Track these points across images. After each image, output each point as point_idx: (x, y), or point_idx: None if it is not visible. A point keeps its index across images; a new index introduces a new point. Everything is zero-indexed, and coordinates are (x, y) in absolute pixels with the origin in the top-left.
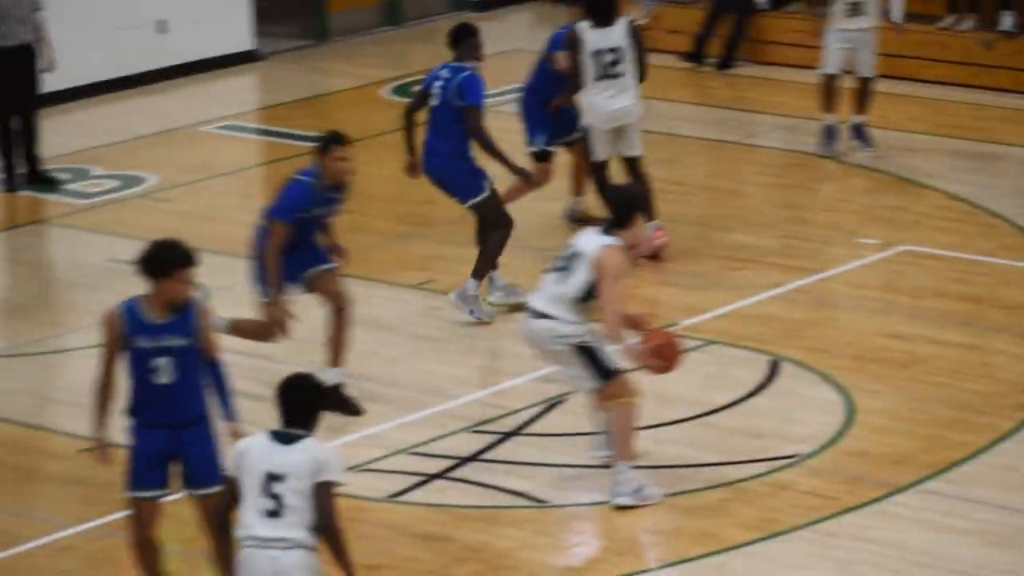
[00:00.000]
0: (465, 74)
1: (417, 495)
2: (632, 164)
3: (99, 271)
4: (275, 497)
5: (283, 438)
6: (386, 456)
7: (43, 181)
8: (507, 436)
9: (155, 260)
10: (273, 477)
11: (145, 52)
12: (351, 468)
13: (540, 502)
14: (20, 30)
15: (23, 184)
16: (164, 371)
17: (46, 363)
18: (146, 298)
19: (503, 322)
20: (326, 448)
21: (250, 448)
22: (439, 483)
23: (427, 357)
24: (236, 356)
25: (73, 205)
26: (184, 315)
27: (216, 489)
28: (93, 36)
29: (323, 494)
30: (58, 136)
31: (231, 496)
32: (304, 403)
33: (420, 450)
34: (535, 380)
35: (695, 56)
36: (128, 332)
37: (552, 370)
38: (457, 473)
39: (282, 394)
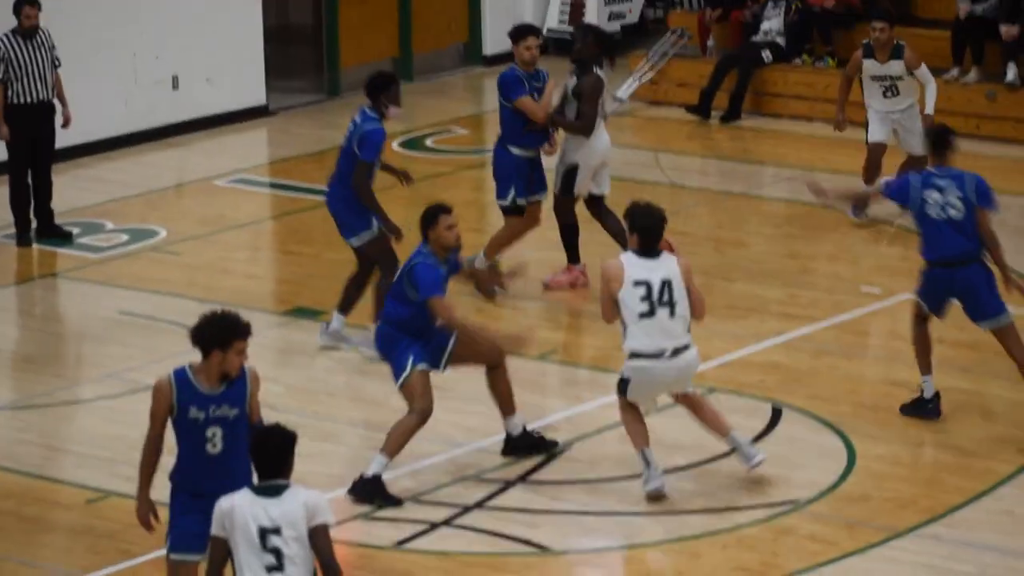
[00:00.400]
0: (369, 127)
1: (422, 543)
2: (604, 201)
3: (109, 324)
4: (274, 551)
5: (268, 491)
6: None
7: (56, 235)
8: (511, 483)
9: (212, 332)
10: (268, 531)
11: (159, 107)
12: (358, 516)
13: (543, 549)
14: (39, 87)
15: (36, 238)
16: (216, 441)
17: (56, 415)
18: (198, 368)
19: (513, 371)
20: (312, 493)
21: (236, 507)
22: (444, 531)
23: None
24: None
25: (85, 259)
26: (236, 384)
27: None
28: (107, 92)
29: (321, 537)
30: (72, 191)
31: (220, 559)
32: (280, 453)
33: (426, 498)
34: (539, 428)
35: (701, 109)
36: (180, 402)
37: (556, 418)
38: (462, 521)
39: (257, 447)
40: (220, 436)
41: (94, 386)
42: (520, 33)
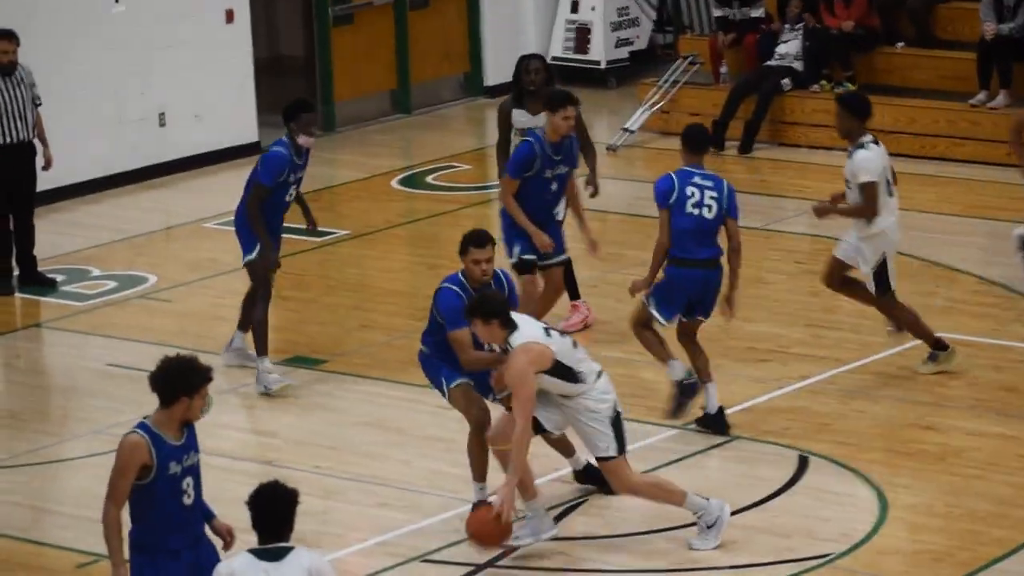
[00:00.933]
0: (272, 150)
1: None
2: None
3: (97, 376)
4: None
5: (270, 555)
6: (399, 564)
7: (39, 283)
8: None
9: (180, 379)
10: None
11: (145, 146)
12: None
13: None
14: (19, 127)
15: (18, 287)
16: (189, 492)
17: (42, 473)
18: (159, 420)
19: None
20: (315, 555)
21: (236, 572)
22: None
23: (440, 459)
24: (237, 462)
25: (70, 307)
26: (190, 428)
27: None
28: (90, 131)
29: None
30: (55, 236)
31: None
32: (281, 513)
33: (435, 557)
34: (552, 481)
35: (714, 140)
36: (159, 461)
37: (571, 471)
38: None
39: (257, 507)
40: (192, 485)
41: (81, 443)
42: (559, 102)
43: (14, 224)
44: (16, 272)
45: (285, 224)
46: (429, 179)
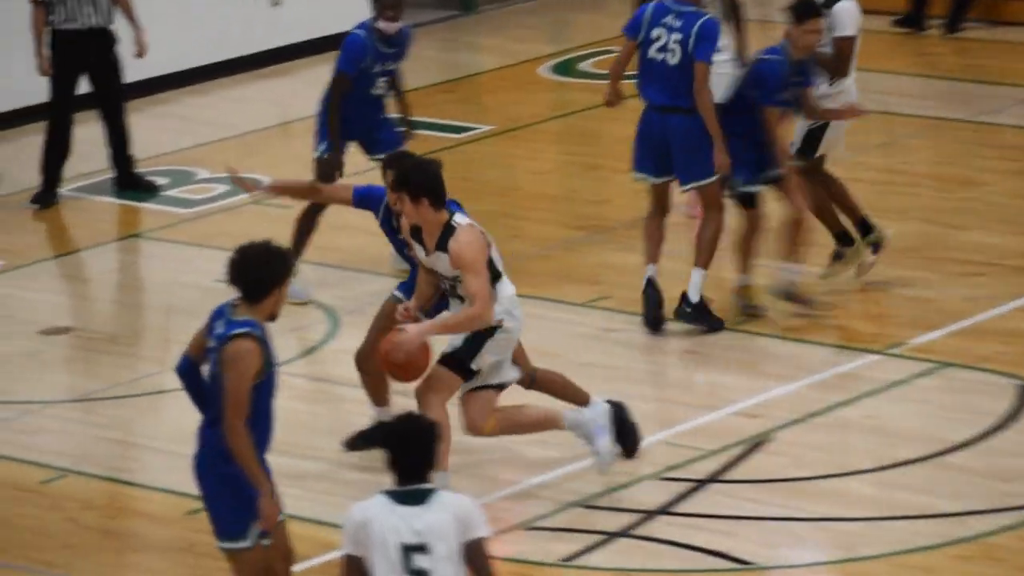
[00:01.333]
0: (353, 33)
1: (596, 558)
2: None
3: (205, 293)
4: (419, 574)
5: (410, 498)
6: (557, 511)
7: (138, 187)
8: (701, 484)
9: (274, 269)
10: (412, 549)
11: (256, 30)
12: (518, 526)
13: (743, 564)
14: (88, 11)
15: (115, 191)
16: (275, 395)
17: (143, 406)
18: (261, 317)
19: (692, 347)
20: (463, 499)
21: (372, 518)
22: (622, 542)
23: (599, 389)
24: (354, 389)
25: (174, 215)
26: None
27: None
28: (192, 12)
29: (477, 555)
30: (156, 133)
31: None
32: (422, 450)
33: (597, 503)
34: (734, 415)
35: (914, 19)
36: (268, 364)
37: (750, 403)
38: (643, 530)
39: (396, 442)
40: (278, 388)
41: None
42: (805, 13)
43: (103, 122)
44: (113, 175)
45: (415, 119)
46: (583, 66)
